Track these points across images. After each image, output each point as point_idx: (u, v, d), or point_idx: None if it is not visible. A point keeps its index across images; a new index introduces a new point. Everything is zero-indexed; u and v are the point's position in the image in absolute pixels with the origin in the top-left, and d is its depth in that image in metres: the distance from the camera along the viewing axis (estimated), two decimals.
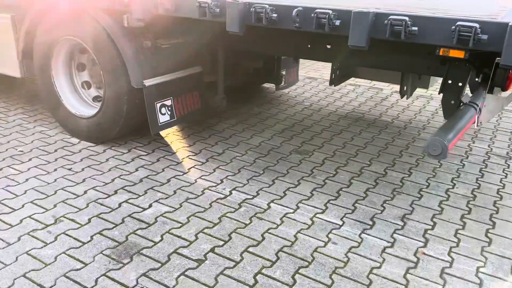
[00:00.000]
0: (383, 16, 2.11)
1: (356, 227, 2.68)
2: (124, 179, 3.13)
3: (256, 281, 2.18)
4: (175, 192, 2.99)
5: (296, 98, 5.24)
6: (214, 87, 3.93)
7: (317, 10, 2.26)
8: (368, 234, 2.61)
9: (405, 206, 2.95)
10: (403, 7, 2.47)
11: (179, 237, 2.50)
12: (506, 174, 3.44)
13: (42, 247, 2.36)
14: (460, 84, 2.73)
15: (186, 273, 2.21)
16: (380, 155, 3.73)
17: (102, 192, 2.94)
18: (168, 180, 3.14)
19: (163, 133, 3.97)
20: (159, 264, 2.27)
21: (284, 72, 4.90)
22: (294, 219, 2.73)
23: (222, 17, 2.56)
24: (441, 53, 2.11)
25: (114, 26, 3.19)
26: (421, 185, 3.23)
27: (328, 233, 2.60)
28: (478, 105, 2.68)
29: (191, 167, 3.35)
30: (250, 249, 2.42)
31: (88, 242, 2.42)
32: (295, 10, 2.34)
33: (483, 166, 3.58)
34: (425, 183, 3.27)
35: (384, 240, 2.56)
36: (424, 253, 2.47)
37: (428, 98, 5.37)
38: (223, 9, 2.55)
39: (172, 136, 3.94)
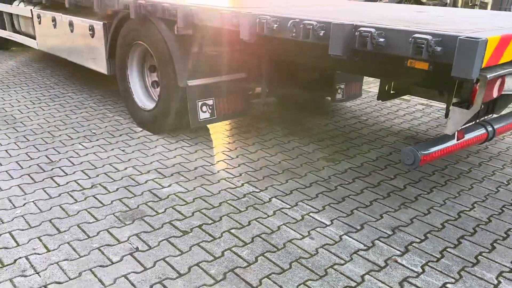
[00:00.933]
0: (356, 28, 2.29)
1: (341, 229, 2.80)
2: (160, 163, 3.65)
3: (223, 255, 2.48)
4: (195, 178, 3.41)
5: (355, 112, 5.33)
6: (259, 92, 4.29)
7: (304, 21, 2.51)
8: (350, 236, 2.72)
9: (404, 219, 2.96)
10: (400, 21, 2.58)
11: (179, 212, 2.90)
12: None
13: (72, 203, 2.95)
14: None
15: (169, 239, 2.60)
16: (410, 171, 3.71)
17: (137, 170, 3.49)
18: (195, 168, 3.58)
19: (211, 130, 4.44)
20: (152, 229, 2.69)
21: (342, 86, 5.04)
22: (286, 214, 2.95)
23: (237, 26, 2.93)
24: (408, 65, 2.20)
25: (169, 33, 3.76)
26: (434, 203, 3.18)
27: (311, 230, 2.78)
28: (488, 126, 2.66)
29: (220, 160, 3.75)
30: (232, 231, 2.72)
31: (107, 204, 2.96)
32: (291, 21, 2.61)
33: None
34: (441, 202, 3.21)
35: (362, 244, 2.65)
36: (396, 261, 2.52)
37: None
38: (239, 19, 2.92)
39: (218, 133, 4.39)
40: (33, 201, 2.95)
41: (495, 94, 2.22)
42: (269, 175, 3.52)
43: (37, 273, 2.25)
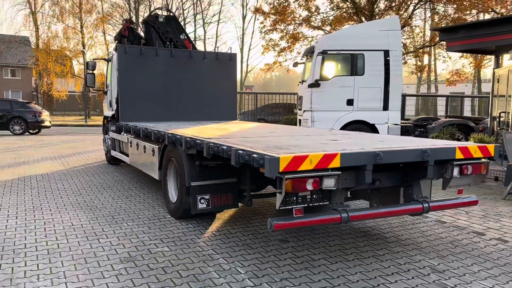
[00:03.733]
0: (230, 148, 4.14)
1: (249, 275, 4.31)
2: (166, 235, 5.55)
3: (158, 280, 4.18)
4: (181, 244, 5.22)
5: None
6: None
7: (222, 146, 4.42)
8: (250, 280, 4.22)
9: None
10: (275, 147, 4.35)
11: (155, 259, 4.70)
12: None
13: (100, 251, 4.95)
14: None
15: (140, 271, 4.40)
16: (355, 274, 5.04)
17: (150, 239, 5.42)
18: (186, 240, 5.39)
19: (217, 217, 6.28)
20: (135, 266, 4.52)
21: None
22: (221, 266, 4.55)
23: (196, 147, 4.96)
24: (261, 170, 3.93)
25: (183, 153, 5.91)
26: (369, 285, 4.49)
27: (228, 275, 4.34)
28: (344, 212, 4.17)
29: (206, 236, 5.52)
30: (180, 271, 4.42)
31: (119, 253, 4.89)
32: (221, 146, 4.55)
33: None
34: (375, 285, 4.50)
35: (253, 283, 4.13)
36: None
37: None
38: (203, 145, 4.96)
39: (220, 220, 6.20)
40: (81, 249, 5.03)
41: (309, 187, 3.77)
42: (231, 246, 5.17)
43: (65, 277, 4.22)
